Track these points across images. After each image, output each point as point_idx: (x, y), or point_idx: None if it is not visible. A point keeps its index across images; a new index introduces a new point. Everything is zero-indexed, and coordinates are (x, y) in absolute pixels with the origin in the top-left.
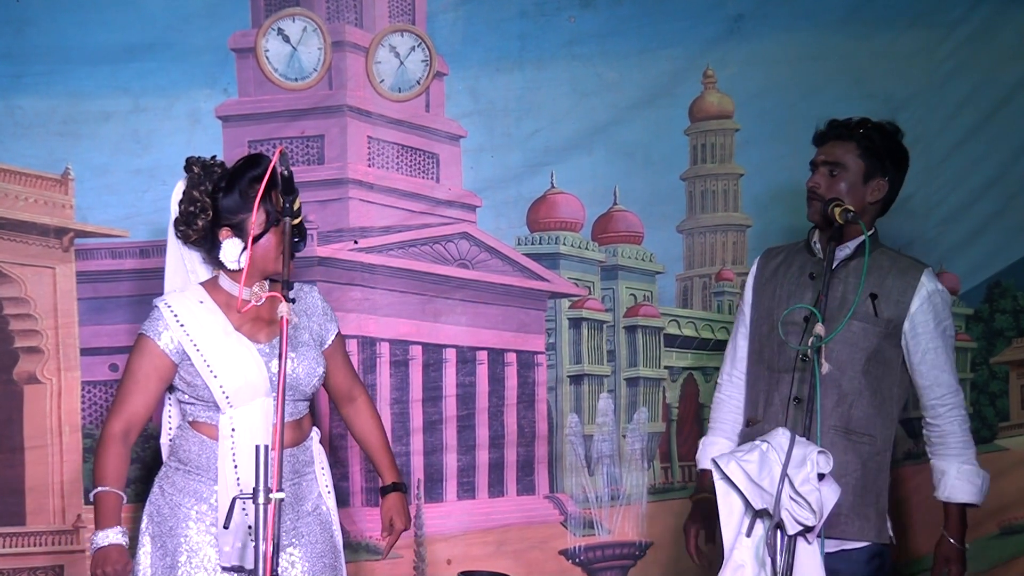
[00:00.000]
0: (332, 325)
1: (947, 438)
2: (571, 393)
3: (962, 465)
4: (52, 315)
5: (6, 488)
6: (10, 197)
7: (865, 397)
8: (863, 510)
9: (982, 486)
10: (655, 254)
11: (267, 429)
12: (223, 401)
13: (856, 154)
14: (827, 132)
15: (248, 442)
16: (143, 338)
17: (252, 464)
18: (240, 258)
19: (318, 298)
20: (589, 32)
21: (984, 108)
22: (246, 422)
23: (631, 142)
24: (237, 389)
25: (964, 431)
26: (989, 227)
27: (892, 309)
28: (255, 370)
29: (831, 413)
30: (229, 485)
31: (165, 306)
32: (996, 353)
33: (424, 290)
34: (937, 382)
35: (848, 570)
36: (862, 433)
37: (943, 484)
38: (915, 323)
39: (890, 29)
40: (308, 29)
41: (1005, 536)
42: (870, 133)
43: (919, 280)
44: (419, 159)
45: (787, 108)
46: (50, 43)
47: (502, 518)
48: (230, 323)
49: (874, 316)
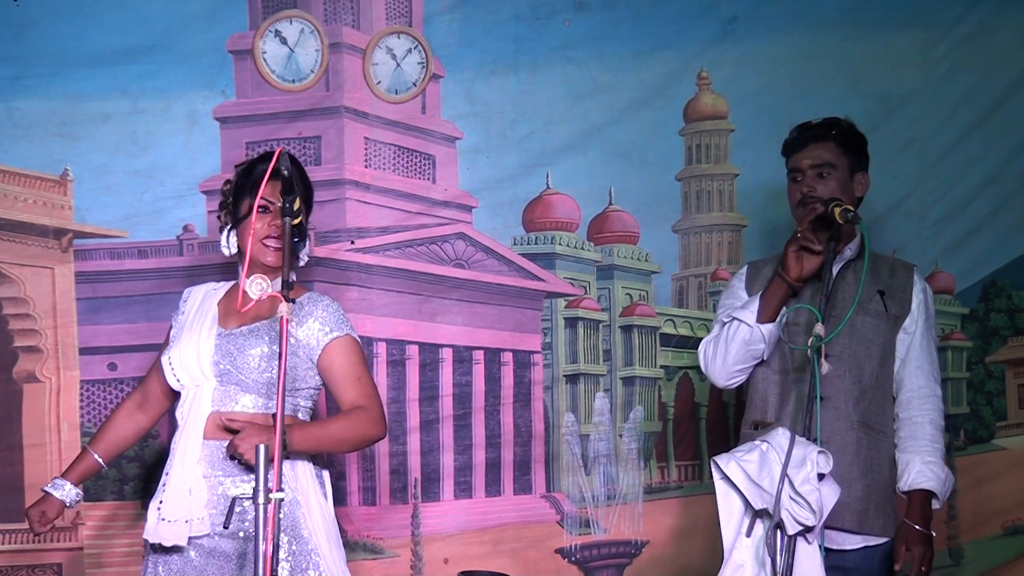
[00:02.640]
0: (324, 335)
1: (917, 431)
2: (567, 392)
3: (928, 457)
4: (51, 315)
5: (5, 486)
6: (9, 198)
7: (880, 392)
8: (887, 506)
9: (946, 481)
10: (651, 254)
11: (202, 414)
12: (172, 379)
13: (839, 152)
14: (801, 137)
15: (188, 426)
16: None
17: (191, 446)
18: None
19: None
20: (583, 35)
21: (980, 108)
22: (186, 405)
23: (626, 143)
24: (179, 365)
25: (936, 428)
26: (985, 227)
27: (898, 305)
28: (202, 351)
29: (853, 410)
30: (169, 467)
31: (187, 290)
32: (992, 352)
33: (420, 290)
34: (919, 374)
35: (867, 566)
36: (880, 429)
37: (907, 473)
38: (914, 318)
39: (886, 29)
40: (305, 31)
41: (1008, 536)
42: (844, 130)
43: (913, 277)
44: (415, 160)
45: (782, 109)
46: (49, 45)
47: (499, 517)
48: (218, 309)
49: (885, 312)
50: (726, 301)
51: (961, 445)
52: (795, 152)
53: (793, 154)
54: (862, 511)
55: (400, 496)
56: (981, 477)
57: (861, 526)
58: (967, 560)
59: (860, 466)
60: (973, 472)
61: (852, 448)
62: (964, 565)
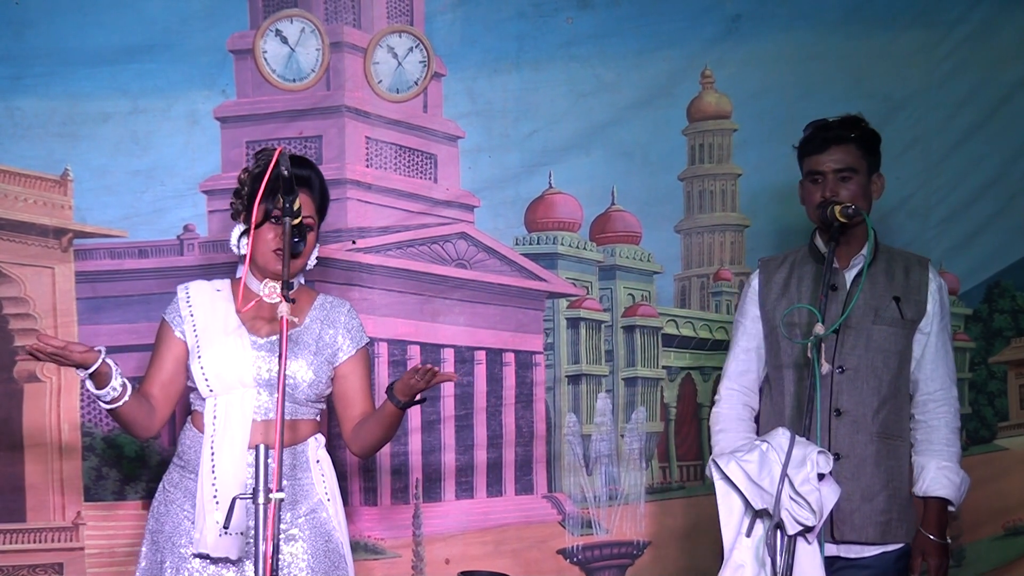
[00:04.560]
0: (351, 343)
1: (932, 434)
2: (569, 393)
3: (943, 462)
4: (51, 314)
5: (6, 485)
6: (9, 198)
7: (898, 399)
8: (908, 511)
9: (961, 486)
10: (653, 254)
11: (245, 422)
12: (203, 386)
13: (859, 155)
14: (822, 138)
15: (225, 433)
16: (162, 321)
17: (229, 456)
18: (240, 243)
19: (344, 312)
20: (587, 33)
21: (983, 108)
22: (225, 411)
23: (629, 142)
24: (218, 374)
25: (951, 431)
26: (988, 227)
27: (913, 309)
28: (241, 358)
29: (872, 421)
30: (205, 476)
31: (183, 289)
32: (995, 353)
33: (422, 290)
34: (934, 376)
35: (883, 566)
36: (898, 435)
37: (923, 479)
38: (929, 318)
39: (889, 29)
40: (306, 30)
41: (1009, 537)
42: (865, 132)
43: (928, 275)
44: (417, 159)
45: (785, 108)
46: (49, 45)
47: (500, 518)
48: (234, 314)
49: (900, 319)
50: (737, 318)
51: (963, 445)
52: (816, 153)
53: (814, 155)
54: (884, 523)
55: (401, 496)
56: (982, 478)
57: (884, 537)
58: (968, 560)
59: (881, 477)
60: (974, 473)
61: (872, 460)
62: (965, 565)
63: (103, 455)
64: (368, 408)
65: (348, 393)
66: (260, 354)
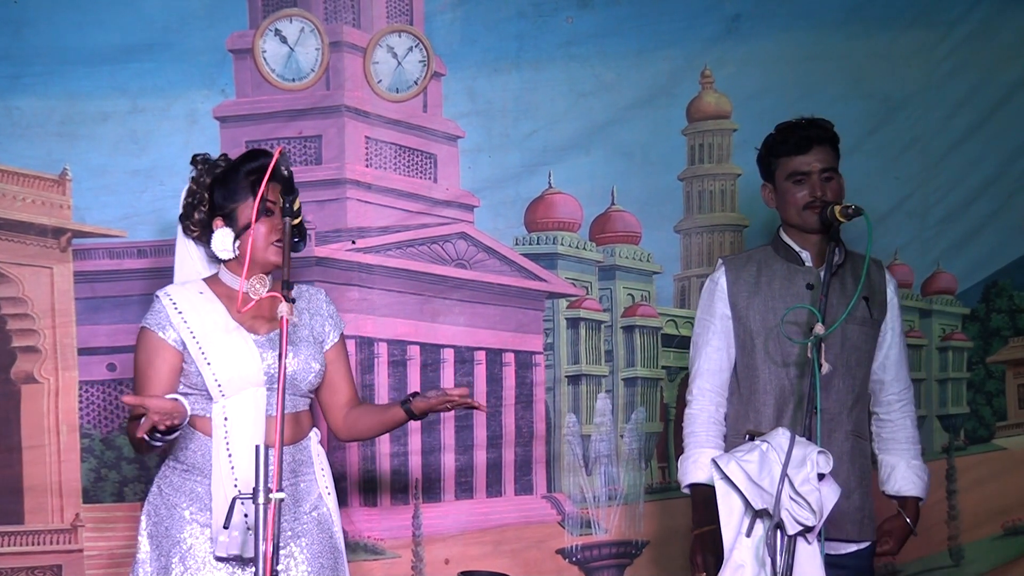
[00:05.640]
0: (335, 329)
1: (898, 433)
2: (569, 393)
3: (911, 460)
4: (50, 315)
5: (4, 487)
6: (8, 197)
7: (865, 398)
8: (872, 511)
9: (927, 481)
10: (653, 254)
11: (260, 420)
12: (215, 389)
13: (835, 155)
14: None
15: (241, 433)
16: (145, 331)
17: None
18: (233, 246)
19: (323, 300)
20: (586, 32)
21: (982, 108)
22: (238, 412)
23: (629, 142)
24: (229, 378)
25: (915, 427)
26: (986, 227)
27: (879, 309)
28: (249, 359)
29: (847, 419)
30: (223, 477)
31: (165, 296)
32: (992, 353)
33: (422, 290)
34: (898, 377)
35: (861, 565)
36: (865, 434)
37: (893, 478)
38: (891, 318)
39: (888, 29)
40: (306, 30)
41: (1008, 536)
42: (832, 131)
43: (885, 275)
44: (417, 159)
45: (785, 108)
46: (48, 44)
47: (500, 518)
48: (229, 314)
49: (870, 318)
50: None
51: (961, 445)
52: (798, 154)
53: (795, 155)
54: (860, 520)
55: (401, 497)
56: (981, 477)
57: (861, 535)
58: (967, 560)
59: (856, 475)
60: (973, 472)
61: (848, 457)
62: (964, 565)
63: (101, 457)
64: (351, 393)
65: (334, 380)
66: (264, 351)
